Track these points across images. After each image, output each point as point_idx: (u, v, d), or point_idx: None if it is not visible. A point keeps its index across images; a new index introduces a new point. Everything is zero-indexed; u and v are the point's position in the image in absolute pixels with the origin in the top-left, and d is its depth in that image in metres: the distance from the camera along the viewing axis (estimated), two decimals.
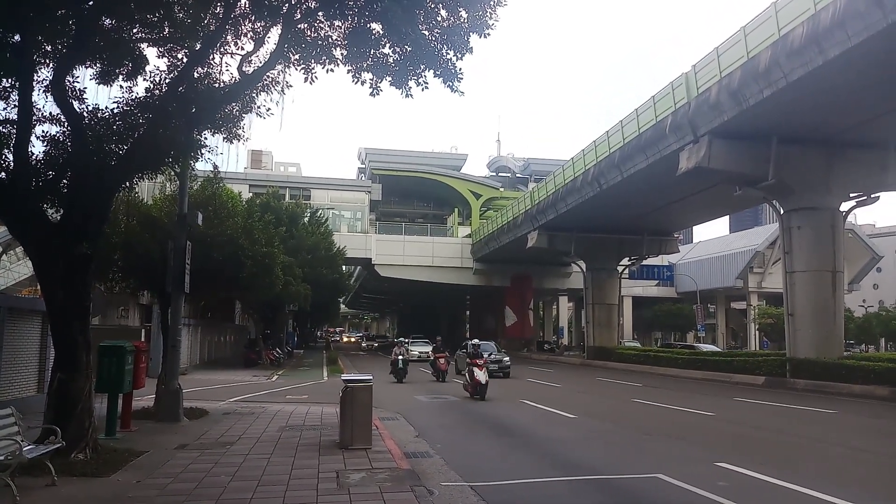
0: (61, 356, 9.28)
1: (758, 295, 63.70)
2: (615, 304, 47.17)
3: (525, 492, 8.31)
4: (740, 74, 22.06)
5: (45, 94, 9.77)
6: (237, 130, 11.33)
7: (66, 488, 7.69)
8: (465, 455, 10.75)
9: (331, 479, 8.31)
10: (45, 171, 9.59)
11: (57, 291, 9.29)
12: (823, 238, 25.08)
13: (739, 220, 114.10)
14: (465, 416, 16.16)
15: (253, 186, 55.56)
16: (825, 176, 25.02)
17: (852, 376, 21.74)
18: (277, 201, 41.94)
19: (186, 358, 26.88)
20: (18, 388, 13.59)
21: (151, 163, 10.23)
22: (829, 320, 24.87)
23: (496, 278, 59.69)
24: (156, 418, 13.30)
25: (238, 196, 26.21)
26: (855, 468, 9.92)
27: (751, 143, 24.65)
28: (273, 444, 10.97)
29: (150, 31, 10.08)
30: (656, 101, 28.27)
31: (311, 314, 63.86)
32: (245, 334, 44.47)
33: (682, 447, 11.42)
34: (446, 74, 9.72)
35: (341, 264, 51.46)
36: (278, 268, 24.31)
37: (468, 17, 9.48)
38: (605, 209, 38.06)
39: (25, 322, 13.99)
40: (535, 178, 76.77)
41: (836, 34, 18.05)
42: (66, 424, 8.71)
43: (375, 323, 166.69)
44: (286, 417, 14.31)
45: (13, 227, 9.72)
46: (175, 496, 7.46)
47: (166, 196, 17.43)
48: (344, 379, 11.31)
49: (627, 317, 68.40)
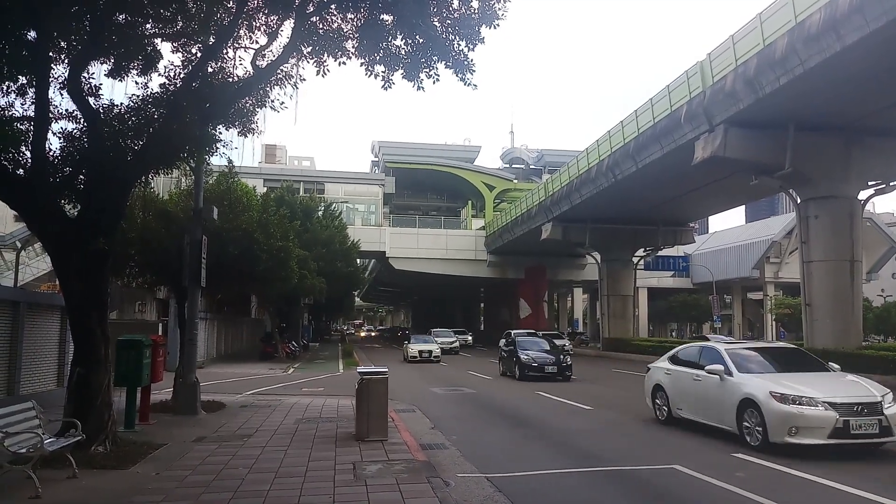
0: (80, 350, 9.38)
1: (774, 285, 63.20)
2: (630, 295, 46.95)
3: (541, 483, 8.32)
4: (756, 62, 21.80)
5: (60, 90, 9.84)
6: (251, 125, 11.34)
7: (87, 480, 7.78)
8: (481, 446, 10.77)
9: (347, 471, 8.35)
10: (62, 168, 9.67)
11: (75, 286, 9.38)
12: (841, 227, 24.79)
13: (755, 209, 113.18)
14: (480, 407, 16.17)
15: (267, 181, 55.70)
16: (843, 164, 24.71)
17: (871, 367, 21.51)
18: (292, 195, 42.04)
19: (203, 351, 27.06)
20: (39, 383, 13.76)
21: (166, 158, 10.28)
22: (847, 310, 24.62)
23: (510, 270, 59.54)
24: (174, 411, 13.42)
25: (253, 190, 26.33)
26: (874, 459, 9.83)
27: (767, 131, 24.37)
28: (290, 436, 11.04)
29: (164, 25, 10.13)
30: (671, 90, 28.04)
31: (327, 307, 64.10)
32: (261, 328, 44.69)
33: (698, 438, 11.36)
34: (458, 66, 9.68)
35: (356, 257, 51.51)
36: (293, 261, 24.46)
37: (479, 7, 9.43)
38: (619, 200, 37.82)
39: (45, 317, 14.15)
40: (548, 170, 76.41)
41: (853, 19, 17.79)
42: (86, 418, 8.80)
43: (390, 316, 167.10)
44: (302, 410, 14.39)
45: (32, 223, 9.83)
46: (194, 488, 7.53)
47: (182, 191, 17.57)
48: (360, 371, 11.36)
49: (643, 308, 68.05)
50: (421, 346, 35.08)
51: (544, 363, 22.98)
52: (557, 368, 22.85)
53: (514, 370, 23.69)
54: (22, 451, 7.23)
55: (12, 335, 12.75)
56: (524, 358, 23.25)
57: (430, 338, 38.48)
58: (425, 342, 36.22)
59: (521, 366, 23.21)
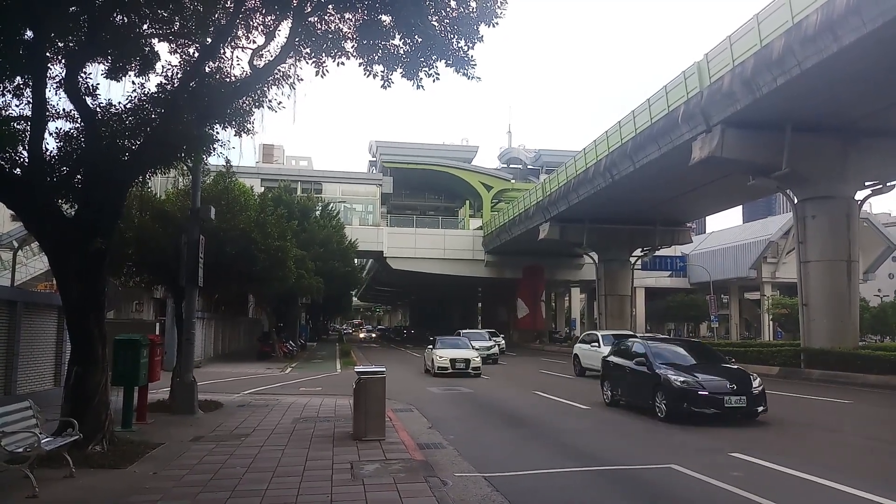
0: (77, 350, 9.37)
1: (771, 285, 63.31)
2: (628, 295, 47.03)
3: (538, 482, 8.33)
4: (753, 63, 21.84)
5: (57, 90, 9.85)
6: (249, 124, 11.34)
7: (84, 480, 7.78)
8: (479, 446, 10.79)
9: (345, 471, 8.36)
10: (60, 167, 9.66)
11: (72, 286, 9.38)
12: (838, 227, 24.86)
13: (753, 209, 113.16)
14: (477, 407, 16.19)
15: (265, 180, 55.72)
16: (840, 164, 24.77)
17: (868, 366, 21.56)
18: (289, 195, 42.05)
19: (200, 351, 27.08)
20: (36, 382, 13.76)
21: (164, 158, 10.27)
22: (844, 310, 24.69)
23: (508, 270, 59.61)
24: (171, 411, 13.41)
25: (250, 190, 26.32)
26: (871, 458, 9.86)
27: (764, 131, 24.43)
28: (287, 435, 11.04)
29: (161, 26, 10.12)
30: (668, 90, 28.08)
31: (324, 307, 64.09)
32: (258, 327, 44.69)
33: (695, 437, 11.39)
34: (458, 62, 9.69)
35: (353, 257, 51.59)
36: (291, 261, 24.44)
37: (477, 6, 9.45)
38: (617, 200, 37.86)
39: (42, 316, 14.14)
40: (546, 170, 76.57)
41: (850, 20, 17.83)
42: (83, 417, 8.80)
43: (388, 315, 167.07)
44: (300, 409, 14.39)
45: (29, 223, 9.81)
46: (191, 487, 7.53)
47: (179, 191, 17.52)
48: (357, 371, 11.36)
49: (640, 308, 68.08)
50: (453, 352, 25.52)
51: (719, 391, 12.79)
52: (747, 402, 12.71)
53: (651, 400, 13.76)
54: (19, 450, 7.22)
55: (9, 334, 12.75)
56: (678, 382, 13.08)
57: (461, 340, 28.65)
58: (457, 347, 26.43)
59: (672, 395, 13.11)
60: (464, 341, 28.23)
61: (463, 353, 25.38)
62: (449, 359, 24.83)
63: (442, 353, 25.32)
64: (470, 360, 24.87)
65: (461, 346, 26.83)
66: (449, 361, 24.74)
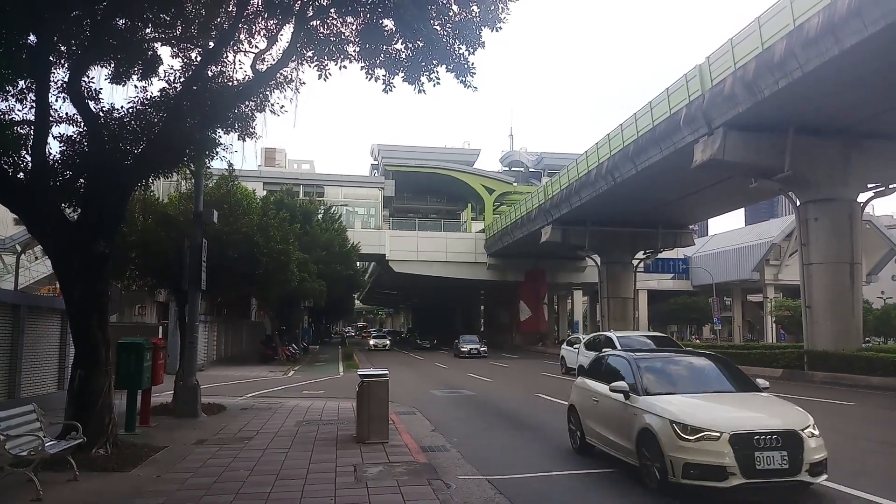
0: (81, 353, 9.40)
1: (774, 287, 63.24)
2: (630, 297, 46.92)
3: (541, 485, 8.33)
4: (755, 65, 21.85)
5: (60, 94, 9.87)
6: (251, 128, 11.36)
7: (88, 483, 7.80)
8: (482, 448, 10.78)
9: (348, 473, 8.37)
10: (63, 171, 9.69)
11: (75, 289, 9.41)
12: (841, 229, 24.83)
13: (755, 211, 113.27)
14: (480, 410, 16.18)
15: (267, 184, 55.76)
16: (842, 167, 24.74)
17: (871, 368, 21.51)
18: (291, 198, 42.07)
19: (203, 354, 27.09)
20: (39, 386, 13.77)
21: (166, 161, 10.31)
22: (847, 312, 24.64)
23: (510, 273, 59.58)
24: (174, 414, 13.44)
25: (252, 194, 26.33)
26: (875, 459, 9.84)
27: (766, 134, 24.41)
28: (291, 438, 11.06)
29: (164, 30, 10.17)
30: (670, 93, 28.09)
31: (327, 310, 64.09)
32: (261, 331, 44.73)
33: None
34: (458, 69, 9.67)
35: (356, 260, 51.57)
36: (293, 264, 24.48)
37: (480, 11, 9.43)
38: (619, 203, 37.85)
39: (45, 320, 14.17)
40: (548, 173, 76.48)
41: (852, 23, 17.83)
42: (87, 420, 8.82)
43: (390, 318, 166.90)
44: (303, 412, 14.40)
45: (32, 227, 9.85)
46: (195, 490, 7.55)
47: (182, 194, 17.57)
48: (360, 374, 11.37)
49: (643, 310, 68.08)
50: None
51: None
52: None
53: None
54: (23, 453, 7.25)
55: (13, 338, 12.77)
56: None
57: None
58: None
59: None
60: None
61: None
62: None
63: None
64: None
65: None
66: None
